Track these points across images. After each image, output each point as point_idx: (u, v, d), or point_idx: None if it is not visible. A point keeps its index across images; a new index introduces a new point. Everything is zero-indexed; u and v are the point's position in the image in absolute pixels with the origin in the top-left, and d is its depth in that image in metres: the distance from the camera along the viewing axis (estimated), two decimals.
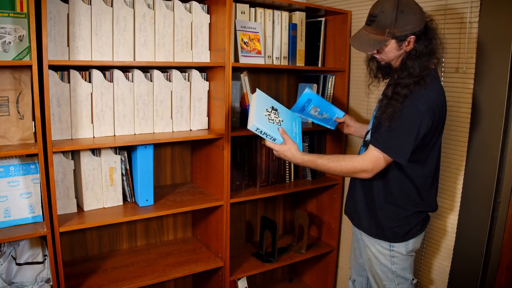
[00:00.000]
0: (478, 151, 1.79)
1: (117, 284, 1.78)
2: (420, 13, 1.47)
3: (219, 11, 1.85)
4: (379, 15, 1.47)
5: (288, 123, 1.73)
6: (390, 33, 1.46)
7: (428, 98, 1.46)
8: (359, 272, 1.91)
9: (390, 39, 1.47)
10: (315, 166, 1.63)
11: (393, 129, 1.48)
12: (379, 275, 1.69)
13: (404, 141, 1.47)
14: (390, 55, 1.52)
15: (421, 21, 1.47)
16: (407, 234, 1.63)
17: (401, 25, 1.44)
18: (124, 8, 1.70)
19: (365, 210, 1.69)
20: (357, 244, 1.86)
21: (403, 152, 1.48)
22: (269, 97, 1.77)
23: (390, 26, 1.45)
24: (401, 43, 1.48)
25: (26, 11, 1.46)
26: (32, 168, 1.59)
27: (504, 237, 1.75)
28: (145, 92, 1.82)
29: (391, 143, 1.48)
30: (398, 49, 1.50)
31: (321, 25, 2.29)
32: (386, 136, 1.49)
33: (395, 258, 1.65)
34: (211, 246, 2.12)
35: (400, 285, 1.67)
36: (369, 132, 1.70)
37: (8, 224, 1.57)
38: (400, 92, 1.48)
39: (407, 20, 1.44)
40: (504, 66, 1.66)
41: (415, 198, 1.61)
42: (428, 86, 1.48)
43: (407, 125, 1.46)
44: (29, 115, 1.59)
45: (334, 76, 2.33)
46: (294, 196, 2.67)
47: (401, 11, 1.44)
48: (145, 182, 1.84)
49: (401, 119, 1.46)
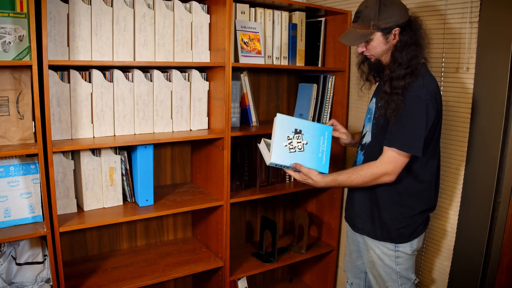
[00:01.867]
0: (478, 151, 1.78)
1: (117, 284, 1.78)
2: (402, 7, 1.55)
3: (219, 11, 1.85)
4: (363, 10, 1.56)
5: (314, 142, 1.70)
6: (375, 26, 1.53)
7: (428, 87, 1.50)
8: (356, 275, 1.91)
9: (375, 31, 1.54)
10: (338, 184, 1.62)
11: (402, 124, 1.49)
12: (382, 277, 1.68)
13: (416, 133, 1.48)
14: (378, 49, 1.57)
15: (404, 14, 1.53)
16: (412, 233, 1.63)
17: (384, 17, 1.51)
18: (124, 8, 1.70)
19: (368, 214, 1.68)
20: (354, 247, 1.86)
21: (418, 145, 1.49)
22: (292, 117, 1.72)
23: (374, 19, 1.52)
24: (387, 36, 1.54)
25: (26, 11, 1.46)
26: (32, 168, 1.59)
27: (504, 237, 1.75)
28: (145, 92, 1.82)
29: (404, 138, 1.49)
30: (385, 42, 1.55)
31: (321, 25, 2.29)
32: (398, 133, 1.50)
33: (400, 259, 1.65)
34: (211, 246, 2.12)
35: (403, 285, 1.67)
36: (365, 135, 1.70)
37: (8, 224, 1.57)
38: (397, 85, 1.51)
39: (390, 13, 1.51)
40: (504, 66, 1.66)
41: (420, 196, 1.62)
42: (425, 76, 1.52)
43: (415, 117, 1.48)
44: (29, 115, 1.59)
45: (334, 76, 2.33)
46: (294, 196, 2.67)
47: (384, 5, 1.51)
48: (145, 182, 1.84)
49: (407, 112, 1.48)
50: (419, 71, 1.51)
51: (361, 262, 1.86)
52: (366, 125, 1.72)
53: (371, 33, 1.54)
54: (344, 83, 2.30)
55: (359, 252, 1.84)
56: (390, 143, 1.52)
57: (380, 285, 1.71)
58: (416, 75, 1.50)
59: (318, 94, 2.34)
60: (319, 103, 2.34)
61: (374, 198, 1.65)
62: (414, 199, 1.61)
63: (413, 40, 1.52)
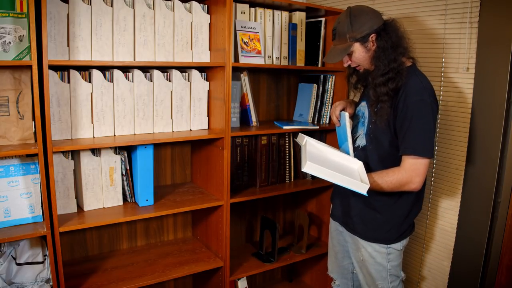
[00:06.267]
0: (478, 151, 1.79)
1: (117, 284, 1.78)
2: (373, 13, 1.57)
3: (219, 11, 1.85)
4: (337, 27, 1.62)
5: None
6: (352, 38, 1.57)
7: (428, 88, 1.52)
8: (344, 275, 1.92)
9: (353, 43, 1.58)
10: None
11: (413, 130, 1.49)
12: (372, 275, 1.69)
13: (428, 136, 1.50)
14: (361, 59, 1.61)
15: (377, 19, 1.56)
16: (403, 234, 1.65)
17: (357, 27, 1.56)
18: (124, 8, 1.70)
19: (361, 214, 1.68)
20: (339, 248, 1.87)
21: (431, 148, 1.51)
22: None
23: (349, 31, 1.57)
24: (366, 44, 1.57)
25: (26, 11, 1.46)
26: (32, 168, 1.59)
27: (504, 237, 1.75)
28: (145, 92, 1.82)
29: (418, 144, 1.49)
30: (365, 51, 1.58)
31: (321, 25, 2.29)
32: (412, 140, 1.50)
33: (391, 255, 1.66)
34: (211, 246, 2.12)
35: (392, 283, 1.69)
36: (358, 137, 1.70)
37: (8, 224, 1.57)
38: (380, 92, 1.54)
39: (361, 21, 1.55)
40: (504, 66, 1.66)
41: (415, 198, 1.62)
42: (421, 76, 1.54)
43: (424, 121, 1.49)
44: (29, 115, 1.59)
45: (334, 76, 2.33)
46: (294, 196, 2.67)
47: (354, 16, 1.57)
48: (145, 182, 1.84)
49: (416, 117, 1.49)
50: (402, 74, 1.52)
51: (347, 262, 1.87)
52: (359, 128, 1.72)
53: (350, 46, 1.58)
54: (344, 83, 2.29)
55: (345, 252, 1.86)
56: (407, 150, 1.51)
57: (369, 284, 1.72)
58: (400, 78, 1.51)
59: (318, 94, 2.34)
60: (319, 103, 2.34)
61: (368, 199, 1.63)
62: (409, 202, 1.62)
63: (390, 43, 1.54)
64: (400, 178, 1.52)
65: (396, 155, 1.56)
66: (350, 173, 1.53)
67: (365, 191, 1.45)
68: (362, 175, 1.52)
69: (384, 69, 1.52)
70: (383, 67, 1.53)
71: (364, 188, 1.45)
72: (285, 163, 2.30)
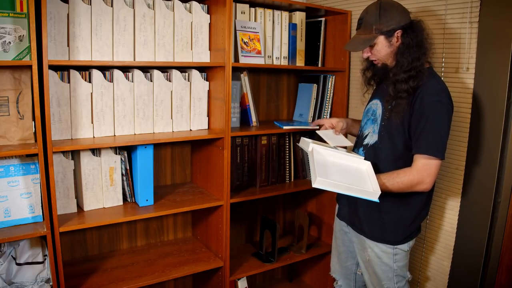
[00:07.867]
0: (478, 151, 1.78)
1: (117, 284, 1.78)
2: (403, 10, 1.57)
3: (219, 11, 1.85)
4: (365, 17, 1.60)
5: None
6: (377, 30, 1.56)
7: (445, 90, 1.53)
8: (346, 276, 1.91)
9: (378, 35, 1.57)
10: None
11: (428, 131, 1.49)
12: (378, 275, 1.69)
13: (443, 137, 1.51)
14: (383, 52, 1.60)
15: (405, 16, 1.56)
16: (410, 235, 1.64)
17: (385, 20, 1.55)
18: (124, 8, 1.70)
19: (368, 214, 1.68)
20: (343, 248, 1.87)
21: (444, 149, 1.51)
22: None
23: (376, 23, 1.56)
24: (390, 39, 1.56)
25: (26, 11, 1.46)
26: (32, 168, 1.59)
27: (504, 237, 1.75)
28: (145, 92, 1.82)
29: (432, 144, 1.49)
30: (388, 45, 1.57)
31: (321, 25, 2.29)
32: (425, 140, 1.50)
33: (398, 256, 1.65)
34: (211, 246, 2.12)
35: (398, 283, 1.68)
36: (368, 135, 1.69)
37: (8, 224, 1.57)
38: (400, 88, 1.53)
39: (390, 16, 1.54)
40: (504, 66, 1.66)
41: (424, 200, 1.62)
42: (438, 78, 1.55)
43: (439, 122, 1.49)
44: (29, 115, 1.59)
45: (334, 76, 2.33)
46: (294, 196, 2.67)
47: (384, 9, 1.56)
48: (145, 182, 1.84)
49: (432, 118, 1.49)
50: (423, 73, 1.52)
51: (351, 263, 1.87)
52: (369, 125, 1.71)
53: (374, 37, 1.57)
54: (344, 83, 2.30)
55: (349, 253, 1.85)
56: (419, 150, 1.51)
57: (375, 284, 1.72)
58: (421, 77, 1.51)
59: (318, 94, 2.34)
60: (319, 103, 2.34)
61: None
62: (418, 205, 1.62)
63: (415, 42, 1.53)
64: (412, 178, 1.51)
65: (407, 154, 1.56)
66: (360, 177, 1.53)
67: (377, 197, 1.45)
68: (371, 177, 1.52)
69: (407, 66, 1.52)
70: (406, 64, 1.52)
71: (375, 195, 1.45)
72: (285, 163, 2.30)
